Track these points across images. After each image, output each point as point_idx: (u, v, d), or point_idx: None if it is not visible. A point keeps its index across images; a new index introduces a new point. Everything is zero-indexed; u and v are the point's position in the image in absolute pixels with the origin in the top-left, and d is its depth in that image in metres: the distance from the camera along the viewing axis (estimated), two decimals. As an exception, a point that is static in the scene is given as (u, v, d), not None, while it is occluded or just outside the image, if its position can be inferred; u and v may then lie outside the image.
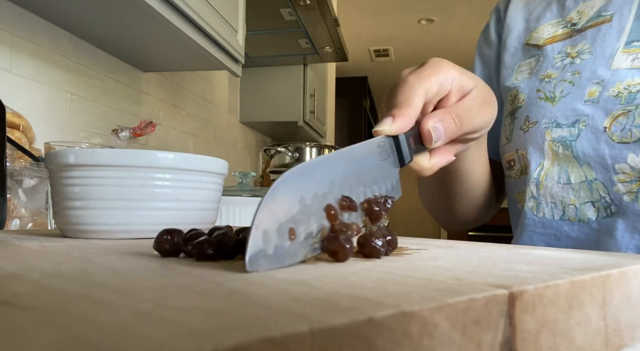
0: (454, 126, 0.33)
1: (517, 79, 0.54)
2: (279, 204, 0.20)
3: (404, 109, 0.30)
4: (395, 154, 0.30)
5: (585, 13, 0.51)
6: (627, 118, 0.42)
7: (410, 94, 0.31)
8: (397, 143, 0.30)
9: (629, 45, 0.46)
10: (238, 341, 0.08)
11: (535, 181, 0.49)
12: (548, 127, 0.48)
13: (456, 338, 0.12)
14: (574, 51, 0.50)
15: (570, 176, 0.46)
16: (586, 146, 0.45)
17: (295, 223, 0.20)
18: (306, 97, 2.11)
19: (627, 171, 0.42)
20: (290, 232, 0.20)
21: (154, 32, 1.04)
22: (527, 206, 0.50)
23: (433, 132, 0.31)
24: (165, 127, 1.45)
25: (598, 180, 0.44)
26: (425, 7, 3.25)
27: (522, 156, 0.51)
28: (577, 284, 0.17)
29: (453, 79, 0.34)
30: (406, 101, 0.31)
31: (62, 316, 0.10)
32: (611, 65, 0.46)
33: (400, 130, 0.30)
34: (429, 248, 0.28)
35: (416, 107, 0.31)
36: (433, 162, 0.34)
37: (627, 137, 0.42)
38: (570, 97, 0.47)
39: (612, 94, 0.44)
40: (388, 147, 0.29)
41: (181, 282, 0.15)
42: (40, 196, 0.72)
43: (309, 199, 0.22)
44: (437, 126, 0.31)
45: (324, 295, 0.13)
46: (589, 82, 0.46)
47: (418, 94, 0.31)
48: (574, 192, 0.46)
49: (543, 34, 0.54)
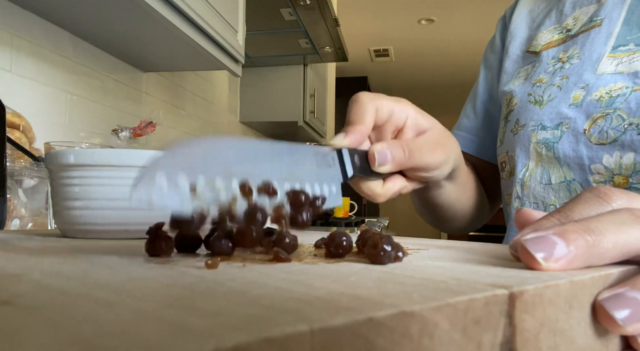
0: (402, 156, 0.34)
1: (514, 84, 0.55)
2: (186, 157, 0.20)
3: (356, 126, 0.33)
4: (338, 167, 0.30)
5: (580, 19, 0.52)
6: (605, 120, 0.43)
7: (361, 112, 0.33)
8: (340, 157, 0.31)
9: (615, 50, 0.46)
10: (238, 341, 0.08)
11: (520, 181, 0.50)
12: (534, 129, 0.48)
13: (456, 337, 0.12)
14: (565, 56, 0.51)
15: (551, 176, 0.47)
16: (567, 148, 0.45)
17: (198, 180, 0.20)
18: (306, 97, 2.11)
19: (602, 172, 0.43)
20: (191, 186, 0.20)
21: (154, 32, 1.04)
22: (512, 206, 0.51)
23: (377, 154, 0.32)
24: (165, 127, 1.45)
25: (576, 180, 0.45)
26: (425, 7, 3.25)
27: (511, 158, 0.52)
28: (577, 285, 0.17)
29: (407, 113, 0.36)
30: (357, 118, 0.33)
31: (61, 316, 0.10)
32: (597, 69, 0.46)
33: (351, 144, 0.32)
34: (429, 248, 0.28)
35: (367, 123, 0.33)
36: (386, 188, 0.35)
37: (604, 139, 0.43)
38: (557, 101, 0.48)
39: (594, 98, 0.45)
40: (329, 159, 0.30)
41: (181, 281, 0.15)
42: (40, 196, 0.72)
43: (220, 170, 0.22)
44: (383, 151, 0.33)
45: (324, 295, 0.13)
46: (575, 86, 0.47)
47: (369, 111, 0.33)
48: (554, 192, 0.47)
49: (541, 41, 0.54)
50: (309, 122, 2.17)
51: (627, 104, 0.42)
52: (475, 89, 0.65)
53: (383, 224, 2.50)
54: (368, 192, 0.35)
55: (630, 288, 0.17)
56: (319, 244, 0.27)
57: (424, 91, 5.33)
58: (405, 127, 0.36)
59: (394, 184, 0.36)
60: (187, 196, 0.20)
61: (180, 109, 1.58)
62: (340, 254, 0.22)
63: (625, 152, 0.42)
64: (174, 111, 1.54)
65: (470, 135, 0.63)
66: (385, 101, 0.35)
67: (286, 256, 0.20)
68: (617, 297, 0.17)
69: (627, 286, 0.18)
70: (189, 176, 0.20)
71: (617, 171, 0.42)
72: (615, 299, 0.17)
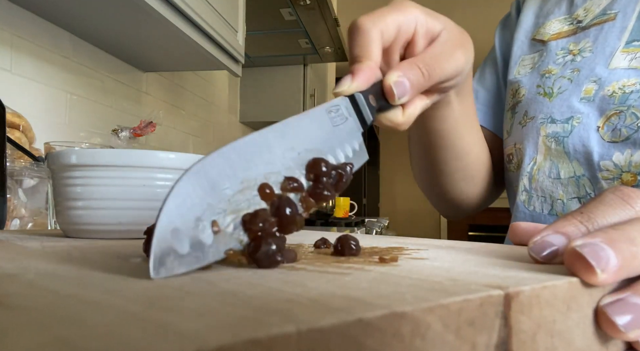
0: (422, 78, 0.29)
1: (520, 73, 0.54)
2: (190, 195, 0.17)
3: (362, 63, 0.28)
4: (355, 116, 0.27)
5: (591, 10, 0.51)
6: (618, 118, 0.43)
7: (365, 43, 0.29)
8: (354, 103, 0.27)
9: (628, 45, 0.45)
10: (222, 342, 0.08)
11: (528, 174, 0.49)
12: (543, 122, 0.48)
13: (450, 339, 0.12)
14: (576, 48, 0.50)
15: (560, 171, 0.46)
16: (577, 143, 0.45)
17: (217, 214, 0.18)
18: (306, 97, 2.11)
19: (611, 169, 0.43)
20: (213, 224, 0.18)
21: (154, 32, 1.04)
22: (519, 199, 0.50)
23: (395, 88, 0.28)
24: (165, 127, 1.45)
25: (585, 176, 0.45)
26: (425, 7, 3.25)
27: (519, 150, 0.51)
28: (575, 286, 0.17)
29: (416, 20, 0.31)
30: (362, 52, 0.29)
31: (49, 316, 0.10)
32: (610, 64, 0.46)
33: (361, 87, 0.27)
34: (429, 248, 0.28)
35: (374, 57, 0.29)
36: (407, 114, 0.31)
37: (617, 137, 0.42)
38: (567, 94, 0.47)
39: (607, 93, 0.44)
40: (344, 110, 0.26)
41: (174, 282, 0.15)
42: (40, 196, 0.72)
43: (235, 184, 0.19)
44: (400, 81, 0.28)
45: (316, 296, 0.13)
46: (587, 80, 0.46)
47: (374, 40, 0.29)
48: (563, 187, 0.46)
49: (549, 30, 0.53)
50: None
51: None
52: (493, 57, 0.61)
53: (383, 224, 2.49)
54: (389, 123, 0.31)
55: (632, 294, 0.17)
56: (318, 244, 0.27)
57: (424, 91, 5.32)
58: (416, 37, 0.32)
59: (416, 107, 0.31)
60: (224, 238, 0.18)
61: (180, 109, 1.58)
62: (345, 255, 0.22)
63: (636, 150, 0.41)
64: (174, 111, 1.54)
65: (485, 107, 0.59)
66: (389, 19, 0.30)
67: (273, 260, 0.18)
68: (618, 303, 0.17)
69: (629, 292, 0.17)
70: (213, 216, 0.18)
71: (626, 169, 0.42)
72: (617, 304, 0.17)
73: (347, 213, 2.21)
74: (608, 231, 0.18)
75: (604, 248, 0.17)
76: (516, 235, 0.26)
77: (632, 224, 0.19)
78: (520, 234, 0.26)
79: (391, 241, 0.34)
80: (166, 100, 1.49)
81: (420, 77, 0.29)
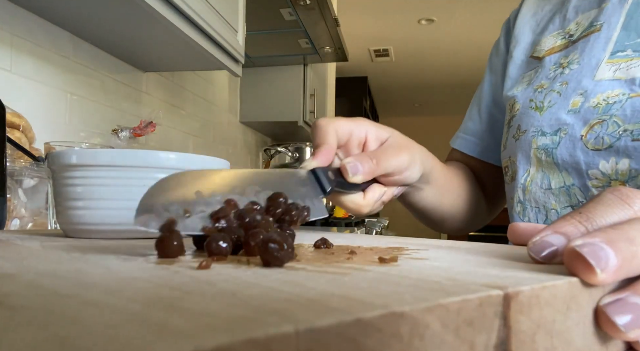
0: (371, 163, 0.37)
1: (518, 89, 0.55)
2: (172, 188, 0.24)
3: (321, 147, 0.37)
4: (316, 183, 0.33)
5: (581, 24, 0.51)
6: (601, 127, 0.43)
7: (322, 134, 0.38)
8: (315, 175, 0.34)
9: (613, 56, 0.46)
10: (220, 342, 0.08)
11: (522, 186, 0.50)
12: (534, 135, 0.49)
13: (449, 339, 0.12)
14: (565, 61, 0.50)
15: (551, 181, 0.47)
16: (564, 153, 0.46)
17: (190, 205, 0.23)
18: (306, 97, 2.10)
19: (599, 177, 0.43)
20: (185, 211, 0.23)
21: (154, 32, 1.04)
22: (515, 210, 0.52)
23: (348, 166, 0.36)
24: (165, 127, 1.45)
25: (575, 185, 0.45)
26: (425, 7, 3.25)
27: (513, 163, 0.52)
28: (575, 285, 0.17)
29: (367, 128, 0.40)
30: (321, 140, 0.37)
31: (48, 316, 0.10)
32: (595, 76, 0.46)
33: (321, 163, 0.35)
34: (428, 248, 0.28)
35: (330, 143, 0.37)
36: (367, 198, 0.38)
37: (599, 145, 0.43)
38: (556, 107, 0.48)
39: (592, 104, 0.45)
40: (307, 177, 0.33)
41: (174, 282, 0.15)
42: (40, 196, 0.72)
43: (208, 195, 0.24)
44: (353, 162, 0.36)
45: (315, 295, 0.13)
46: (574, 92, 0.47)
47: (329, 132, 0.38)
48: (555, 197, 0.47)
49: (545, 46, 0.54)
50: (309, 122, 2.17)
51: (623, 111, 0.42)
52: (480, 91, 0.65)
53: (383, 224, 2.49)
54: (352, 205, 0.38)
55: (632, 293, 0.17)
56: (318, 244, 0.27)
57: (424, 91, 5.33)
58: (368, 141, 0.41)
59: (374, 193, 0.39)
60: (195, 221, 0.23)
61: (180, 109, 1.58)
62: None
63: (620, 158, 0.42)
64: (174, 111, 1.54)
65: (474, 138, 0.64)
66: (342, 121, 0.39)
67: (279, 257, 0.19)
68: (618, 302, 0.17)
69: (628, 291, 0.17)
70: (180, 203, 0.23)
71: (614, 177, 0.43)
72: (616, 304, 0.17)
73: (347, 214, 2.21)
74: (607, 230, 0.18)
75: (603, 248, 0.17)
76: (515, 235, 0.27)
77: (631, 224, 0.19)
78: (519, 234, 0.26)
79: (391, 241, 0.34)
80: (166, 100, 1.49)
81: (370, 163, 0.37)
